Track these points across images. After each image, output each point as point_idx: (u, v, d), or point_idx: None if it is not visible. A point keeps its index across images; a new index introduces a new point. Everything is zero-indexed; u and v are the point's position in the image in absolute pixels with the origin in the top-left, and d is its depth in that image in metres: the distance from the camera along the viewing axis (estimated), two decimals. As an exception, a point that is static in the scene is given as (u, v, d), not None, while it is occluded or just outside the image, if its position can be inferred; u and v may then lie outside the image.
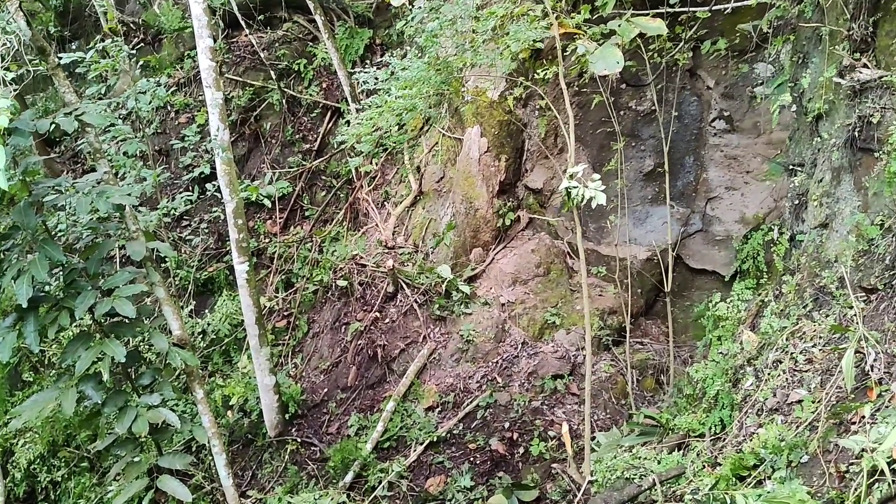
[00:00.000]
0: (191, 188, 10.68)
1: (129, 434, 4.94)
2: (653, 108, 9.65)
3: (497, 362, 8.62)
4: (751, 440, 4.25)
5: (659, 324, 9.78)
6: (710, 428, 4.96)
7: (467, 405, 8.26)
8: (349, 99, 11.02)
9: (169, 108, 12.18)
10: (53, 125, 4.61)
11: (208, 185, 9.18)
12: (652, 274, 9.72)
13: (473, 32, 7.20)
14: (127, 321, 5.00)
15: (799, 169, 5.77)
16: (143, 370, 5.42)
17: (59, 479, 8.92)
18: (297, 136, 12.08)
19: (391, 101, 7.58)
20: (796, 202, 5.77)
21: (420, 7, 7.37)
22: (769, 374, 4.62)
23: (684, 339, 9.38)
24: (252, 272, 8.26)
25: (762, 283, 6.13)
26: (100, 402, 4.95)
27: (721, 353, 5.35)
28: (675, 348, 8.84)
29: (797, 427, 4.10)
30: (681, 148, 9.56)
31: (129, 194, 4.95)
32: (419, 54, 7.78)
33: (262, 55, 12.13)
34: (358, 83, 8.59)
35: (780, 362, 4.60)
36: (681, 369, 8.38)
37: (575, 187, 4.69)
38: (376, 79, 7.71)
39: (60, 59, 5.67)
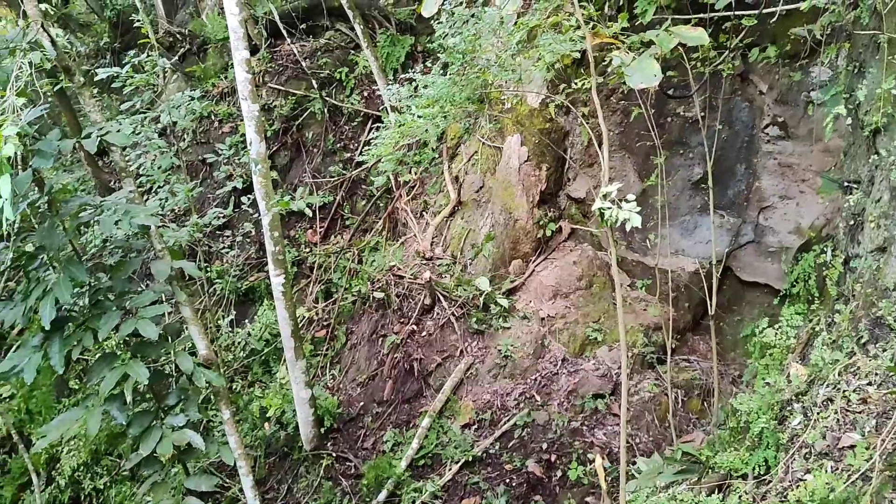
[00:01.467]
0: (226, 201, 10.73)
1: (155, 454, 4.91)
2: (701, 114, 9.28)
3: (536, 379, 8.38)
4: (797, 488, 3.92)
5: (708, 340, 9.36)
6: (754, 468, 4.62)
7: (504, 424, 8.05)
8: (388, 108, 10.90)
9: (213, 117, 12.27)
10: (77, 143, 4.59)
11: (244, 198, 9.17)
12: (700, 287, 9.32)
13: (501, 45, 6.93)
14: (152, 341, 4.96)
15: (854, 186, 5.37)
16: (169, 390, 5.38)
17: (102, 486, 9.04)
18: (339, 145, 12.03)
19: (410, 121, 7.34)
20: (851, 222, 5.36)
21: (441, 22, 7.14)
22: (819, 413, 4.28)
23: (733, 356, 8.99)
24: (288, 285, 8.19)
25: (813, 308, 5.74)
26: (124, 422, 4.93)
27: (767, 384, 5.01)
28: (723, 367, 8.47)
29: (849, 476, 3.77)
30: (731, 155, 9.17)
31: (154, 214, 4.90)
32: (441, 70, 7.53)
33: (304, 64, 12.12)
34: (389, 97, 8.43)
35: (832, 401, 4.26)
36: (728, 390, 8.01)
37: (608, 208, 4.43)
38: (398, 96, 7.50)
39: (92, 75, 5.65)
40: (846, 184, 5.54)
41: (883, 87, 5.04)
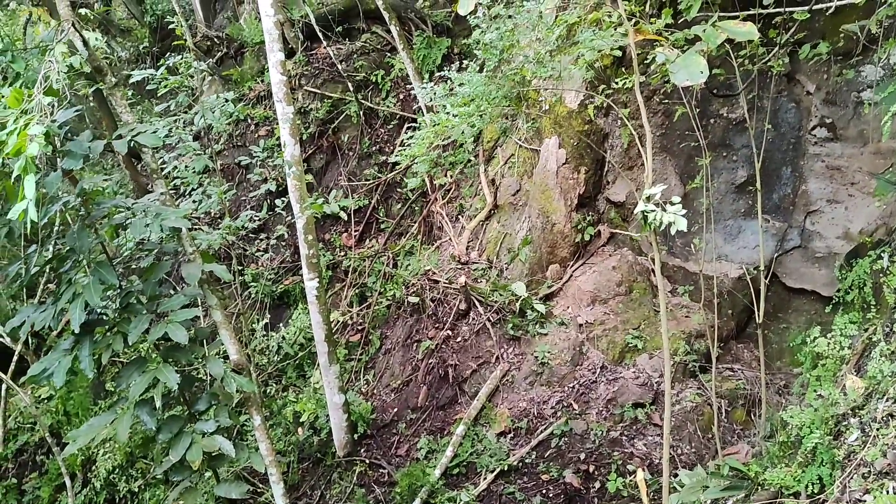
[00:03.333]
0: (261, 204, 10.72)
1: (185, 460, 4.85)
2: (746, 115, 9.01)
3: (573, 387, 8.17)
4: (856, 509, 3.69)
5: (752, 348, 9.08)
6: (807, 486, 4.36)
7: (541, 432, 7.84)
8: (423, 110, 10.79)
9: (249, 120, 12.31)
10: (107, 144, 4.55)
11: (278, 201, 9.12)
12: (744, 294, 9.04)
13: (538, 42, 6.72)
14: (182, 346, 4.90)
15: None
16: (199, 395, 5.32)
17: (136, 489, 9.07)
18: (374, 148, 11.97)
19: (445, 119, 7.14)
20: None
21: (478, 17, 6.97)
22: (878, 429, 4.02)
23: (779, 365, 8.68)
24: (322, 289, 8.12)
25: (869, 317, 5.43)
26: (154, 428, 4.88)
27: (820, 396, 4.74)
28: (769, 377, 8.15)
29: (914, 498, 3.52)
30: (777, 158, 8.88)
31: (185, 216, 4.85)
32: (478, 69, 7.33)
33: (339, 67, 12.09)
34: (427, 98, 8.28)
35: (893, 416, 4.00)
36: (775, 400, 7.70)
37: (652, 211, 4.23)
38: (433, 95, 7.32)
39: (126, 76, 5.63)
40: (906, 185, 5.26)
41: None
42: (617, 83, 7.25)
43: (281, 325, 10.52)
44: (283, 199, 10.43)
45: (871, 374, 4.33)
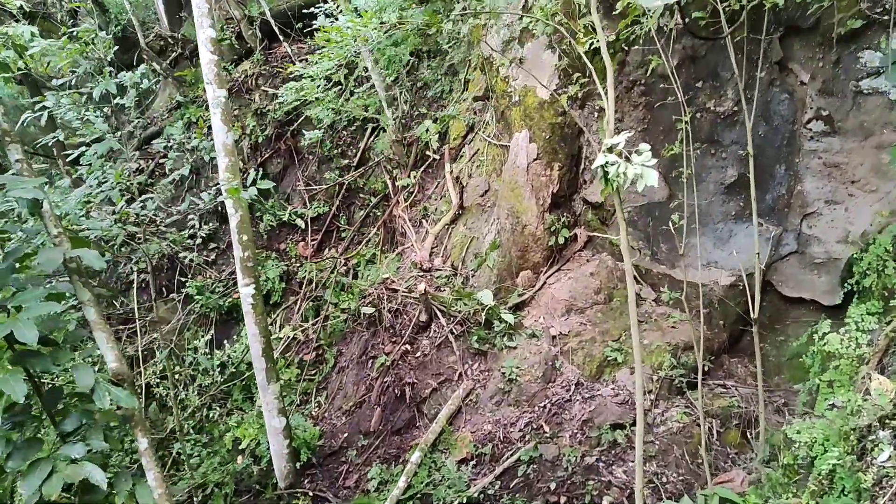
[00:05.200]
0: (213, 211, 9.78)
1: (41, 495, 3.82)
2: (735, 108, 8.21)
3: (545, 407, 7.18)
4: (893, 552, 2.74)
5: (745, 362, 8.16)
6: (824, 522, 3.42)
7: (507, 459, 6.83)
8: (384, 105, 9.93)
9: (204, 123, 11.44)
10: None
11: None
12: (737, 303, 8.17)
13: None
14: (34, 349, 3.92)
15: None
16: (70, 412, 4.30)
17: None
18: (336, 151, 11.08)
19: (338, 33, 5.66)
20: None
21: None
22: (919, 445, 3.10)
23: (777, 381, 7.76)
24: (259, 296, 7.17)
25: (892, 305, 4.46)
26: (2, 453, 3.85)
27: (834, 405, 3.80)
28: (766, 394, 7.23)
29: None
30: (770, 155, 8.06)
31: (38, 187, 3.88)
32: None
33: (299, 66, 11.23)
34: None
35: (936, 427, 3.07)
36: (773, 420, 6.75)
37: (614, 164, 3.35)
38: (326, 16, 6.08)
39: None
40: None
41: None
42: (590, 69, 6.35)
43: (226, 341, 9.50)
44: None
45: (901, 375, 3.40)
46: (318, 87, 6.15)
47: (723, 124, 8.24)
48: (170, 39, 12.56)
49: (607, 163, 3.41)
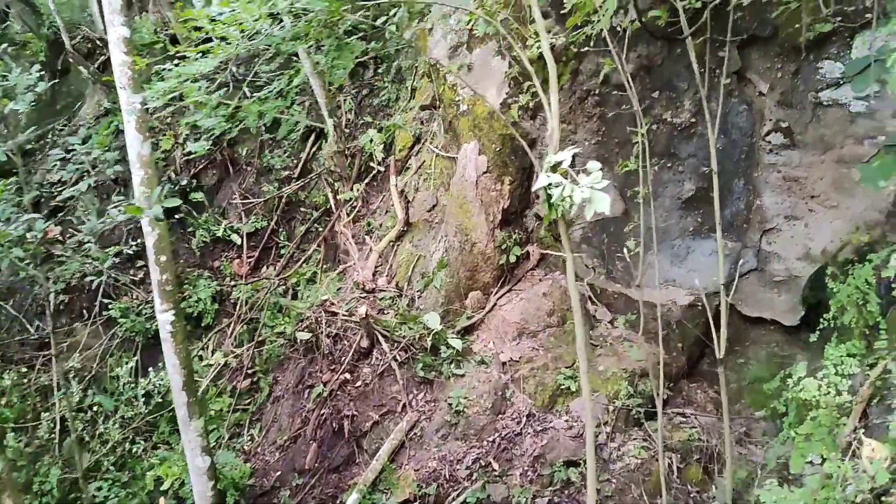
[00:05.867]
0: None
1: None
2: (692, 119, 7.87)
3: (494, 441, 6.66)
4: None
5: (705, 387, 7.79)
6: None
7: (452, 500, 6.28)
8: (325, 115, 9.33)
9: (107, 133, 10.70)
10: None
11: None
12: (696, 324, 7.80)
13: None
14: None
15: None
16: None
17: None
18: (276, 163, 10.42)
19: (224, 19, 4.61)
20: None
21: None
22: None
23: (738, 408, 7.41)
24: (180, 323, 6.51)
25: (876, 348, 4.03)
26: None
27: (813, 464, 3.35)
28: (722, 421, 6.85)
29: None
30: (728, 168, 7.75)
31: None
32: None
33: (236, 71, 10.55)
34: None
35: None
36: (735, 452, 6.34)
37: (558, 185, 2.85)
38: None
39: None
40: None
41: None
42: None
43: (152, 369, 8.75)
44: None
45: (894, 435, 2.93)
46: (200, 88, 5.35)
47: (679, 136, 7.90)
48: (98, 41, 11.77)
49: (550, 184, 2.90)
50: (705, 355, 7.96)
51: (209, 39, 4.67)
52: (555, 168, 2.97)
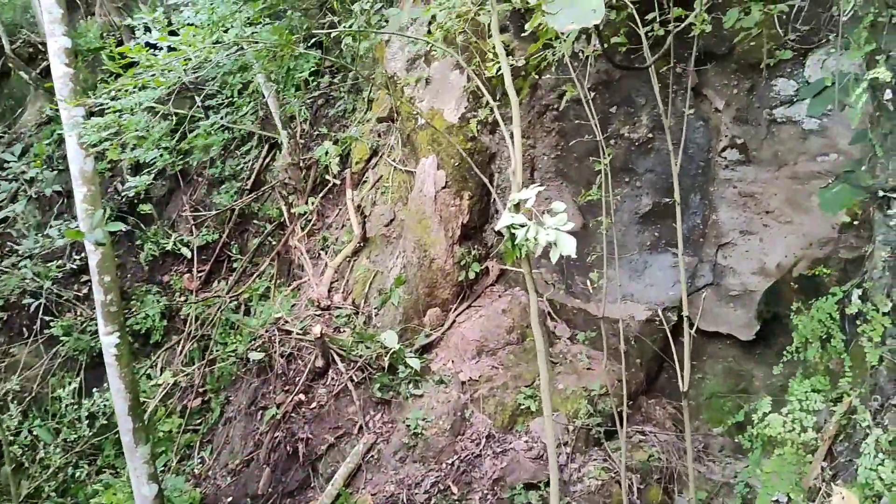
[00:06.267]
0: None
1: None
2: (649, 135, 7.87)
3: (453, 464, 6.51)
4: None
5: (664, 403, 7.77)
6: None
7: (411, 526, 6.14)
8: (279, 126, 9.09)
9: (45, 148, 10.28)
10: None
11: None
12: (653, 339, 7.79)
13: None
14: None
15: (894, 196, 3.77)
16: None
17: None
18: (228, 174, 10.13)
19: (163, 55, 4.40)
20: None
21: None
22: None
23: (696, 424, 7.38)
24: (125, 346, 6.22)
25: (840, 384, 4.01)
26: None
27: (779, 501, 3.30)
28: (682, 440, 6.84)
29: None
30: (685, 183, 7.73)
31: None
32: None
33: (187, 79, 10.23)
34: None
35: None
36: (693, 471, 6.31)
37: (521, 227, 2.75)
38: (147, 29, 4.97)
39: None
40: (882, 193, 3.95)
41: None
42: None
43: (96, 390, 8.39)
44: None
45: (863, 480, 2.89)
46: (140, 121, 5.09)
47: (637, 152, 7.89)
48: (41, 45, 11.30)
49: (513, 225, 2.79)
50: (663, 370, 7.95)
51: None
52: (517, 206, 2.85)
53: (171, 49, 4.30)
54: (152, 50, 4.47)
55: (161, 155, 6.52)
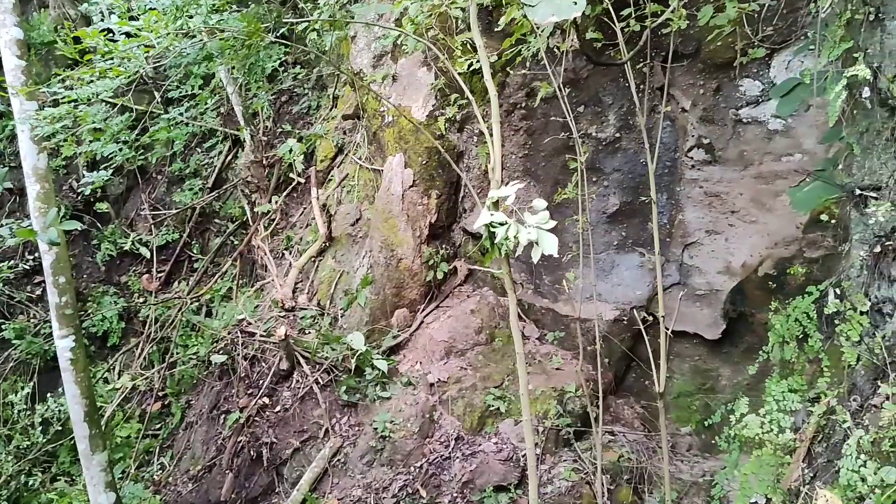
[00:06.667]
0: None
1: None
2: (617, 134, 7.86)
3: (421, 467, 6.40)
4: None
5: (632, 402, 7.77)
6: None
7: (379, 531, 6.01)
8: (242, 122, 8.88)
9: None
10: None
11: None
12: (622, 338, 7.78)
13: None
14: None
15: (872, 196, 3.75)
16: None
17: None
18: (188, 171, 9.86)
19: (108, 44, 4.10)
20: (876, 250, 3.70)
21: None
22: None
23: (664, 422, 7.37)
24: (80, 349, 5.99)
25: (819, 384, 3.98)
26: None
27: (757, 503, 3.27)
28: (650, 438, 6.85)
29: None
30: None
31: None
32: None
33: (146, 73, 9.93)
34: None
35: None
36: (660, 468, 6.31)
37: (502, 224, 2.66)
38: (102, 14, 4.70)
39: None
40: (858, 192, 3.94)
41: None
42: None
43: (50, 395, 8.09)
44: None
45: (845, 482, 2.86)
46: (98, 113, 4.85)
47: (605, 151, 7.86)
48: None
49: (493, 223, 2.69)
50: (631, 370, 7.96)
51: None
52: (496, 204, 2.76)
53: (130, 36, 4.10)
54: (111, 35, 4.26)
55: (120, 150, 6.26)
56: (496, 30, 5.82)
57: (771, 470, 3.70)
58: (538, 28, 4.54)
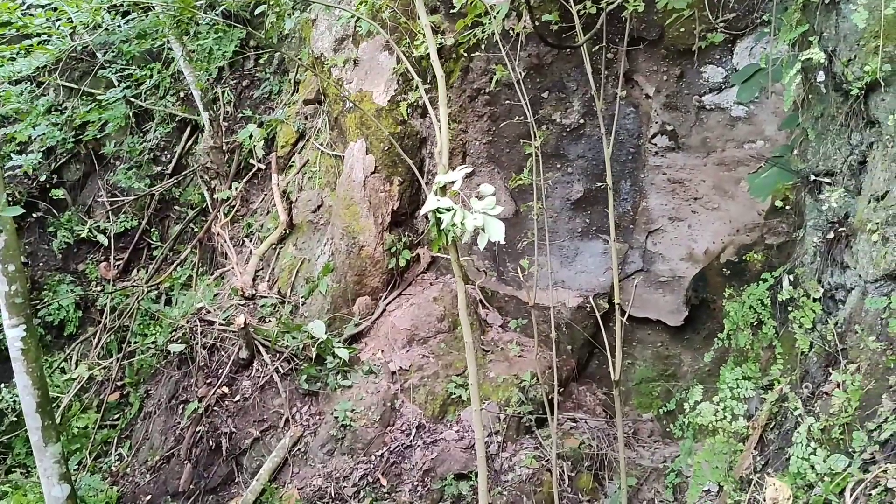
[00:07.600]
0: None
1: None
2: (581, 121, 7.83)
3: (382, 455, 6.37)
4: None
5: (594, 389, 7.80)
6: None
7: (338, 520, 5.97)
8: (200, 107, 8.70)
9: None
10: None
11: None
12: (584, 325, 7.80)
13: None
14: None
15: (826, 182, 3.74)
16: None
17: None
18: (147, 157, 9.66)
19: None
20: (830, 236, 3.70)
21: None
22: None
23: (626, 409, 7.43)
24: (32, 339, 5.84)
25: (772, 370, 3.99)
26: None
27: (710, 493, 3.26)
28: (612, 425, 6.87)
29: None
30: (615, 170, 7.73)
31: None
32: None
33: (103, 57, 9.69)
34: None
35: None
36: (628, 458, 6.35)
37: (447, 210, 2.60)
38: None
39: None
40: (812, 177, 3.93)
41: (886, 10, 3.31)
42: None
43: (3, 385, 7.90)
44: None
45: (795, 469, 2.85)
46: (22, 93, 4.69)
47: (569, 138, 7.84)
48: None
49: (439, 209, 2.63)
50: (594, 356, 7.99)
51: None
52: (444, 189, 2.70)
53: (50, 9, 3.93)
54: (30, 10, 4.09)
55: (51, 131, 6.04)
56: (452, 11, 5.75)
57: (724, 457, 3.72)
58: (492, 9, 4.48)
